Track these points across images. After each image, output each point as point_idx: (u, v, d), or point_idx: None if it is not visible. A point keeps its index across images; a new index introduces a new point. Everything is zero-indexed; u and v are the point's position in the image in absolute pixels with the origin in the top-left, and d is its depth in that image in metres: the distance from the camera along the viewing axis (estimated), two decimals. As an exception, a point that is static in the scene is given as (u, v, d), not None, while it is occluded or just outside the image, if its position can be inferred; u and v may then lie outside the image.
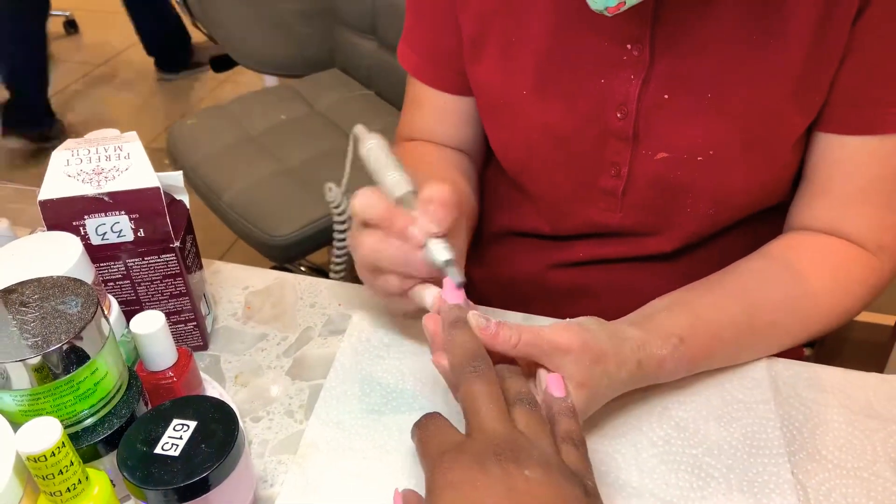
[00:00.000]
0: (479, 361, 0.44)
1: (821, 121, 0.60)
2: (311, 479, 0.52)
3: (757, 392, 0.57)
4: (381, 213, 0.52)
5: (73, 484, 0.41)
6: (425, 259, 0.51)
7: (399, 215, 0.52)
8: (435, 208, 0.51)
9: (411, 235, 0.51)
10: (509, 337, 0.47)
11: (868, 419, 0.55)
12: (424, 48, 0.72)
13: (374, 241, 0.52)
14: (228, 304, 0.67)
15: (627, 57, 0.60)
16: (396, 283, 0.54)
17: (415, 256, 0.51)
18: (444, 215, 0.51)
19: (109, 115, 2.74)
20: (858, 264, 0.61)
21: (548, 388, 0.47)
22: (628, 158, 0.64)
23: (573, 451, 0.42)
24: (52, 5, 2.43)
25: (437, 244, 0.51)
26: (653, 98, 0.60)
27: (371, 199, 0.52)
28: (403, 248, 0.52)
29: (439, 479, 0.39)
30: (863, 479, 0.51)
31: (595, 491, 0.40)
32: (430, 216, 0.51)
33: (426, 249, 0.51)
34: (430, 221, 0.51)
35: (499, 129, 0.70)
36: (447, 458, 0.40)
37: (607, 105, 0.62)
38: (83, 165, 0.54)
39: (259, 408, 0.58)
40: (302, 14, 1.72)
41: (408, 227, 0.51)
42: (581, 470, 0.41)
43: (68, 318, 0.44)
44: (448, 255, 0.51)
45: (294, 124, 1.61)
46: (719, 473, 0.51)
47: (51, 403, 0.44)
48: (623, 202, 0.66)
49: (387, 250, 0.52)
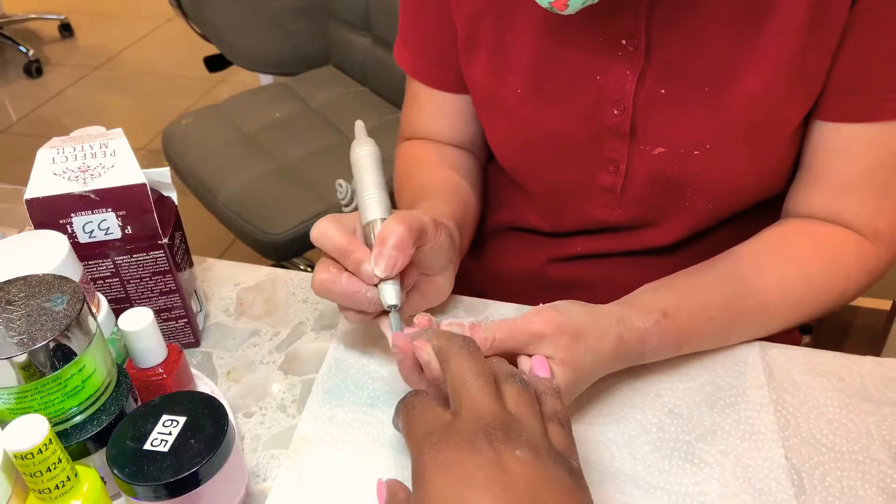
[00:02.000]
0: (467, 341, 0.44)
1: (817, 109, 0.60)
2: (304, 474, 0.51)
3: (750, 377, 0.57)
4: (336, 246, 0.52)
5: (62, 481, 0.40)
6: (375, 297, 0.51)
7: (355, 250, 0.51)
8: (388, 251, 0.50)
9: (364, 272, 0.51)
10: (485, 338, 0.47)
11: (863, 402, 0.55)
12: (421, 48, 0.72)
13: (325, 276, 0.52)
14: (220, 301, 0.67)
15: (622, 52, 0.59)
16: (354, 316, 0.54)
17: (365, 295, 0.52)
18: (396, 259, 0.50)
19: (106, 117, 2.74)
20: (854, 249, 0.61)
21: (532, 369, 0.47)
22: (626, 155, 0.63)
23: (559, 430, 0.42)
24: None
25: (387, 287, 0.51)
26: (649, 93, 0.60)
27: (328, 229, 0.52)
28: (354, 284, 0.51)
29: (428, 462, 0.38)
30: (857, 462, 0.51)
31: (579, 471, 0.40)
32: (382, 259, 0.50)
33: (378, 289, 0.51)
34: (380, 265, 0.50)
35: (495, 128, 0.70)
36: (435, 438, 0.39)
37: (603, 102, 0.61)
38: (69, 163, 0.53)
39: (252, 403, 0.57)
40: (295, 11, 1.71)
41: (361, 264, 0.51)
42: (566, 449, 0.41)
43: (54, 316, 0.43)
44: (395, 299, 0.51)
45: (289, 122, 1.61)
46: (713, 459, 0.51)
47: (38, 401, 0.44)
48: (622, 199, 0.66)
49: (336, 286, 0.52)
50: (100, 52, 3.14)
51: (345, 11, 1.66)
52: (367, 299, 0.52)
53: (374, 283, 0.51)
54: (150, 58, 3.11)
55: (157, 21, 3.31)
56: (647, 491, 0.50)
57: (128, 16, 3.47)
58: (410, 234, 0.51)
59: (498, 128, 0.69)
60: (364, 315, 0.54)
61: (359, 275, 0.51)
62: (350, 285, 0.52)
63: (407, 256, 0.51)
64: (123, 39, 3.22)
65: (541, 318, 0.48)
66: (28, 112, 2.76)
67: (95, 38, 3.28)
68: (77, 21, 3.32)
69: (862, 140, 0.59)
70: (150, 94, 2.87)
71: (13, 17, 3.26)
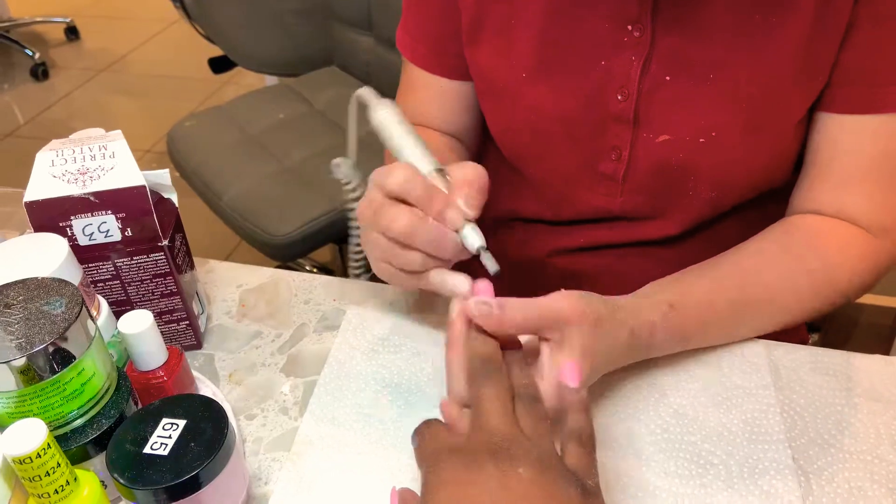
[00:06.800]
0: (491, 366, 0.44)
1: (822, 101, 0.59)
2: (306, 476, 0.51)
3: (756, 377, 0.56)
4: (420, 192, 0.50)
5: (62, 486, 0.40)
6: (459, 243, 0.51)
7: (437, 196, 0.51)
8: (470, 191, 0.50)
9: (449, 218, 0.50)
10: (514, 317, 0.46)
11: (871, 402, 0.54)
12: (422, 33, 0.72)
13: (412, 219, 0.50)
14: (222, 303, 0.67)
15: (628, 38, 0.59)
16: (420, 262, 0.52)
17: (448, 239, 0.51)
18: (480, 200, 0.51)
19: (112, 120, 2.75)
20: (859, 245, 0.60)
21: (561, 377, 0.45)
22: (629, 142, 0.63)
23: (577, 449, 0.40)
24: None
25: (473, 230, 0.51)
26: (654, 80, 0.60)
27: (408, 175, 0.51)
28: (439, 229, 0.51)
29: (433, 478, 0.39)
30: (866, 463, 0.50)
31: (596, 490, 0.39)
32: (466, 199, 0.50)
33: (462, 234, 0.51)
34: (466, 205, 0.50)
35: (497, 113, 0.69)
36: (442, 456, 0.40)
37: (608, 87, 0.61)
38: (68, 166, 0.53)
39: (253, 405, 0.57)
40: (298, 12, 1.71)
41: (445, 210, 0.50)
42: (583, 469, 0.39)
43: (52, 319, 0.43)
44: (482, 241, 0.50)
45: (293, 123, 1.60)
46: (719, 460, 0.51)
47: (38, 405, 0.43)
48: (624, 187, 0.66)
49: (423, 229, 0.50)
50: (105, 54, 3.15)
51: (347, 11, 1.65)
52: (452, 243, 0.51)
53: (457, 227, 0.51)
54: (156, 60, 3.11)
55: (163, 23, 3.32)
56: (653, 492, 0.49)
57: (133, 18, 3.48)
58: (487, 178, 0.51)
59: (501, 112, 0.69)
60: (433, 261, 0.52)
61: (443, 220, 0.50)
62: (437, 228, 0.50)
63: (485, 198, 0.51)
64: (129, 42, 3.23)
65: (567, 302, 0.48)
66: (34, 115, 2.77)
67: (101, 40, 3.29)
68: (83, 24, 3.33)
69: (867, 132, 0.58)
70: (156, 97, 2.87)
71: (19, 20, 3.27)
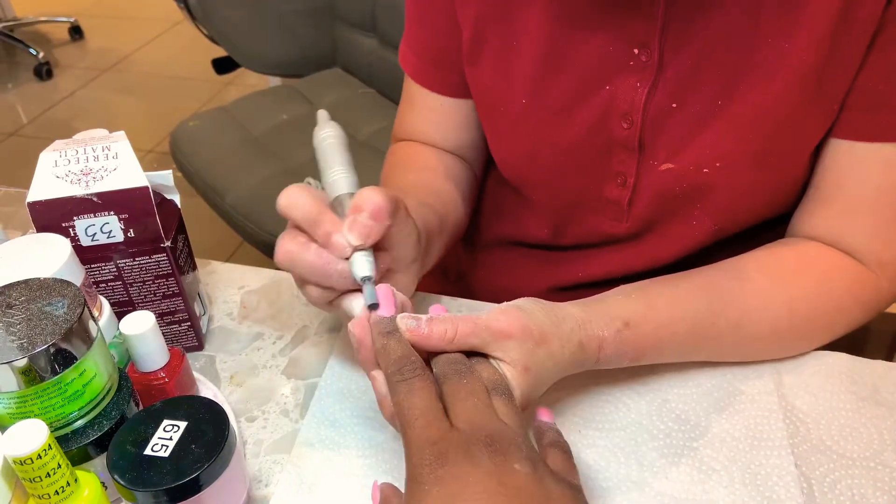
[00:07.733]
0: (407, 366, 0.42)
1: (834, 126, 0.56)
2: (306, 479, 0.51)
3: (759, 383, 0.56)
4: (305, 215, 0.47)
5: (62, 486, 0.40)
6: (348, 271, 0.47)
7: (326, 220, 0.47)
8: (364, 219, 0.46)
9: (335, 244, 0.47)
10: (444, 332, 0.44)
11: (875, 407, 0.54)
12: (424, 50, 0.70)
13: (292, 245, 0.48)
14: (224, 304, 0.67)
15: (634, 62, 0.57)
16: (316, 294, 0.49)
17: (334, 268, 0.47)
18: (372, 227, 0.46)
19: (115, 119, 2.75)
20: (850, 278, 0.57)
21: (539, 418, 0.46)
22: (634, 168, 0.61)
23: (560, 454, 0.41)
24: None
25: (361, 258, 0.47)
26: (659, 107, 0.57)
27: (297, 197, 0.47)
28: (323, 257, 0.47)
29: (428, 474, 0.37)
30: (869, 469, 0.50)
31: (580, 489, 0.39)
32: (357, 227, 0.46)
33: (350, 261, 0.47)
34: (355, 233, 0.46)
35: (498, 136, 0.68)
36: (435, 449, 0.38)
37: (612, 114, 0.59)
38: (71, 166, 0.53)
39: (254, 407, 0.57)
40: (302, 14, 1.71)
41: (332, 235, 0.47)
42: (564, 470, 0.40)
43: (54, 320, 0.43)
44: (368, 270, 0.47)
45: (296, 124, 1.61)
46: (721, 466, 0.50)
47: (39, 406, 0.43)
48: (630, 213, 0.64)
49: (303, 257, 0.47)
50: (109, 54, 3.16)
51: (351, 13, 1.66)
52: (336, 272, 0.47)
53: (345, 255, 0.47)
54: (160, 60, 3.12)
55: (167, 24, 3.32)
56: (655, 498, 0.49)
57: (137, 18, 3.49)
58: (387, 203, 0.47)
59: (502, 135, 0.67)
60: (327, 293, 0.49)
61: (329, 247, 0.47)
62: (319, 257, 0.47)
63: (382, 227, 0.47)
64: (133, 42, 3.24)
65: (507, 317, 0.46)
66: (38, 114, 2.78)
67: (105, 40, 3.29)
68: (87, 24, 3.34)
69: (878, 160, 0.55)
70: (159, 97, 2.88)
71: (23, 19, 3.28)
